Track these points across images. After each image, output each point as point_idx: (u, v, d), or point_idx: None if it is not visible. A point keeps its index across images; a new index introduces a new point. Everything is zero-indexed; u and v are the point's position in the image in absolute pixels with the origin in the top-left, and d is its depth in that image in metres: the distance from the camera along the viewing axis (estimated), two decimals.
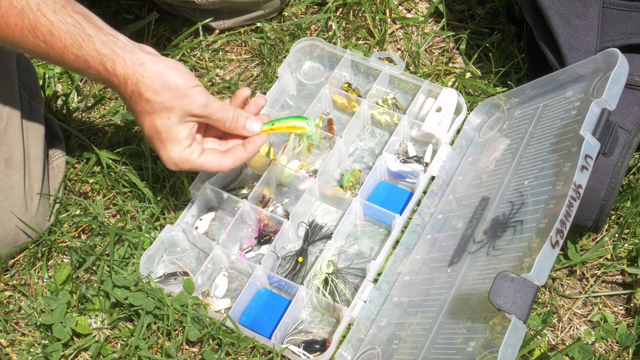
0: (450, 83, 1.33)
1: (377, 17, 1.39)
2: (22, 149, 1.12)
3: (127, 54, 0.95)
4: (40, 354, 1.07)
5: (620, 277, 1.15)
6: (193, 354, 1.09)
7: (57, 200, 1.19)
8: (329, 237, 1.17)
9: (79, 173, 1.25)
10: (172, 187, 1.21)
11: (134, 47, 0.97)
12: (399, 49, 1.40)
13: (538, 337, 1.08)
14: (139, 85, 0.95)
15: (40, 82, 1.27)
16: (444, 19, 1.39)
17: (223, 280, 1.15)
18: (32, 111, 1.17)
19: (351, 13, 1.41)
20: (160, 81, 0.96)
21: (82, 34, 0.93)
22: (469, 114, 1.27)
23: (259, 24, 1.41)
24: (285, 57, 1.35)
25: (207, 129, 1.06)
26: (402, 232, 1.17)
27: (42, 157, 1.16)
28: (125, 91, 0.96)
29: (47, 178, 1.19)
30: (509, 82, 1.31)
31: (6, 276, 1.16)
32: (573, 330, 1.11)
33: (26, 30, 0.92)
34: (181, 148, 1.00)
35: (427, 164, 1.23)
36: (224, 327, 1.08)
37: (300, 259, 1.16)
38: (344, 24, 1.41)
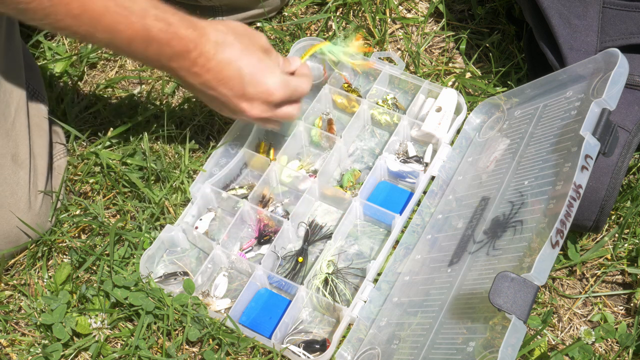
0: (450, 83, 1.33)
1: (377, 17, 1.39)
2: (29, 146, 1.12)
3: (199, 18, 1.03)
4: (40, 354, 1.07)
5: (620, 277, 1.15)
6: (193, 354, 1.09)
7: (59, 200, 1.19)
8: (329, 237, 1.17)
9: (79, 173, 1.25)
10: (172, 187, 1.21)
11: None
12: (399, 49, 1.40)
13: (538, 337, 1.08)
14: (227, 28, 1.03)
15: None
16: (444, 19, 1.39)
17: (223, 280, 1.15)
18: (36, 110, 1.17)
19: (351, 13, 1.41)
20: (238, 24, 1.07)
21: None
22: (469, 114, 1.27)
23: (258, 24, 1.41)
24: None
25: None
26: (402, 232, 1.17)
27: (47, 156, 1.16)
28: (209, 39, 1.01)
29: (51, 177, 1.19)
30: (509, 82, 1.31)
31: (6, 276, 1.16)
32: (573, 330, 1.11)
33: None
34: (280, 70, 1.08)
35: (427, 164, 1.23)
36: (224, 327, 1.08)
37: (300, 259, 1.16)
38: (344, 24, 1.41)
